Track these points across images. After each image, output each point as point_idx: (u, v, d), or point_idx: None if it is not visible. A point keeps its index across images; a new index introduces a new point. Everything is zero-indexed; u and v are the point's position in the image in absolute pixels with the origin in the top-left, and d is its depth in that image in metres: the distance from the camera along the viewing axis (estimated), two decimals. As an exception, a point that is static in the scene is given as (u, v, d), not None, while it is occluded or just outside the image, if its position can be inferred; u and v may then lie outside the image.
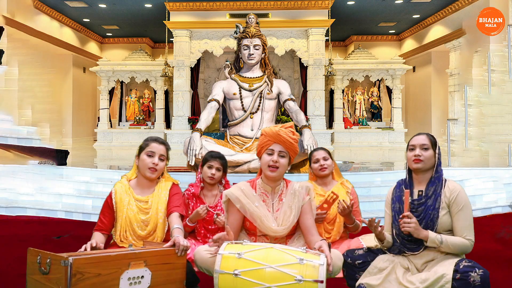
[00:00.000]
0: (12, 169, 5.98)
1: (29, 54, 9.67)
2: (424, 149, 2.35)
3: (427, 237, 2.24)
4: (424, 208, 2.32)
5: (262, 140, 2.48)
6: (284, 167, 2.44)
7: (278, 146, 2.42)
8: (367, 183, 5.36)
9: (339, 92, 11.51)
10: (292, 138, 2.44)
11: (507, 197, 5.36)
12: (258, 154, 2.52)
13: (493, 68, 7.75)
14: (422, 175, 2.39)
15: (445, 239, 2.24)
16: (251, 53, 5.04)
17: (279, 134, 2.42)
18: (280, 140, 2.42)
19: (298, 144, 2.53)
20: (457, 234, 2.27)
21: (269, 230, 2.40)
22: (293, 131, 2.48)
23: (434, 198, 2.31)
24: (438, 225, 2.29)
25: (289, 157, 2.46)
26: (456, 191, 2.30)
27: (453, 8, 11.00)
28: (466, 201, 2.30)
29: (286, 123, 2.53)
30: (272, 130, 2.45)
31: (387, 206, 2.51)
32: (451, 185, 2.34)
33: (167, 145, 2.62)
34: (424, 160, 2.34)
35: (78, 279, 1.85)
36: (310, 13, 10.83)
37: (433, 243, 2.24)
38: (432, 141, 2.39)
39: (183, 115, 10.89)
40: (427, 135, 2.42)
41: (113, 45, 15.28)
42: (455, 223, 2.28)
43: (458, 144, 7.88)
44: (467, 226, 2.26)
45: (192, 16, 10.98)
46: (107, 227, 2.54)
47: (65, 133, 12.73)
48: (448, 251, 2.25)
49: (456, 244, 2.24)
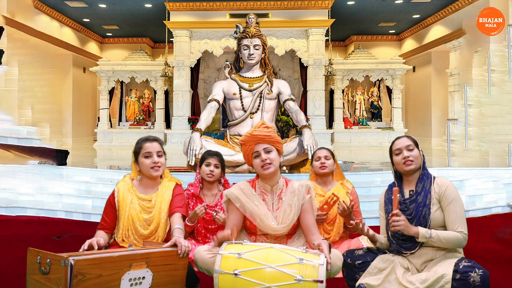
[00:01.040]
0: (12, 169, 5.98)
1: (29, 54, 9.67)
2: (410, 150, 2.40)
3: (418, 233, 2.25)
4: (415, 205, 2.34)
5: (244, 149, 2.50)
6: (276, 161, 2.46)
7: (260, 145, 2.44)
8: (367, 183, 5.36)
9: (339, 92, 11.51)
10: (267, 131, 2.46)
11: (507, 197, 5.36)
12: (248, 163, 2.54)
13: (493, 68, 7.75)
14: (412, 176, 2.42)
15: (435, 233, 2.25)
16: (251, 53, 5.04)
17: (254, 135, 2.45)
18: (258, 139, 2.44)
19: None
20: (449, 228, 2.28)
21: (269, 229, 2.40)
22: (266, 126, 2.50)
23: (424, 194, 2.34)
24: (431, 221, 2.30)
25: (276, 149, 2.47)
26: (445, 186, 2.33)
27: (453, 8, 11.00)
28: (455, 195, 2.32)
29: (256, 123, 2.55)
30: (246, 135, 2.49)
31: (381, 209, 2.53)
32: (440, 181, 2.37)
33: (159, 140, 2.61)
34: (414, 160, 2.38)
35: (79, 280, 1.85)
36: (310, 13, 10.83)
37: (423, 237, 2.25)
38: (414, 141, 2.45)
39: (183, 115, 10.89)
40: (407, 136, 2.48)
41: (113, 45, 15.28)
42: (446, 217, 2.30)
43: (458, 144, 7.87)
44: (458, 219, 2.27)
45: (192, 16, 10.98)
46: (110, 226, 2.54)
47: (65, 133, 12.73)
48: (440, 245, 2.26)
49: (447, 237, 2.24)
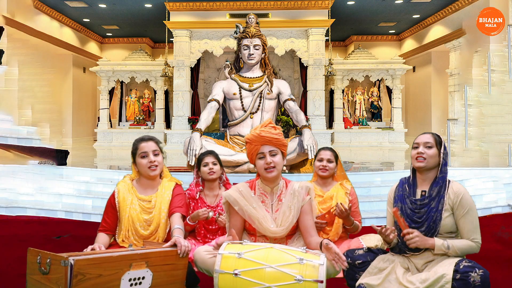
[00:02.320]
0: (12, 169, 5.98)
1: (29, 54, 9.67)
2: (427, 147, 2.33)
3: (434, 245, 2.23)
4: (427, 209, 2.30)
5: (249, 147, 2.45)
6: (280, 165, 2.43)
7: (266, 147, 2.40)
8: (367, 183, 5.35)
9: (339, 92, 11.51)
10: (275, 134, 2.41)
11: (507, 197, 5.36)
12: (250, 161, 2.50)
13: (493, 68, 7.75)
14: (425, 175, 2.36)
15: (452, 244, 2.22)
16: (251, 53, 5.04)
17: (262, 135, 2.40)
18: (265, 140, 2.40)
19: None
20: (464, 237, 2.26)
21: (268, 231, 2.39)
22: (274, 126, 2.45)
23: (438, 200, 2.29)
24: (440, 227, 2.27)
25: (281, 152, 2.44)
26: (460, 194, 2.28)
27: (453, 8, 11.00)
28: (471, 203, 2.29)
29: (263, 122, 2.49)
30: (253, 135, 2.42)
31: (389, 205, 2.48)
32: (455, 187, 2.32)
33: (155, 139, 2.60)
34: (426, 158, 2.31)
35: (79, 280, 1.85)
36: (310, 13, 10.83)
37: (440, 250, 2.22)
38: (437, 140, 2.36)
39: (183, 115, 10.89)
40: (433, 134, 2.40)
41: (113, 45, 15.28)
42: (462, 226, 2.27)
43: (458, 144, 7.87)
44: (473, 229, 2.26)
45: (192, 16, 10.98)
46: (111, 227, 2.54)
47: (65, 133, 12.72)
48: (455, 255, 2.24)
49: (462, 248, 2.23)
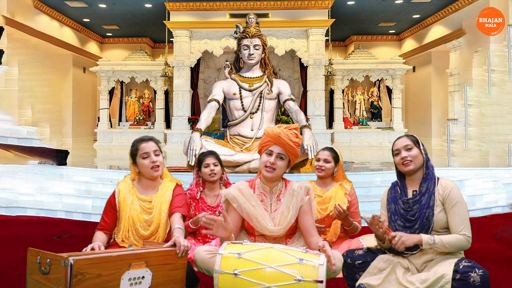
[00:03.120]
0: (12, 169, 5.98)
1: (29, 54, 9.67)
2: (408, 150, 2.38)
3: (421, 241, 2.25)
4: (419, 206, 2.34)
5: (263, 139, 2.44)
6: (282, 169, 2.40)
7: (277, 148, 2.37)
8: (367, 183, 5.36)
9: (339, 92, 11.51)
10: (293, 142, 2.37)
11: (507, 197, 5.36)
12: (259, 152, 2.48)
13: (493, 68, 7.75)
14: (414, 175, 2.41)
15: (439, 238, 2.24)
16: (251, 53, 5.04)
17: (280, 136, 2.36)
18: (280, 142, 2.37)
19: (300, 147, 2.49)
20: (453, 230, 2.28)
21: (266, 230, 2.38)
22: (297, 133, 2.40)
23: (428, 196, 2.33)
24: (434, 223, 2.30)
25: (289, 159, 2.41)
26: (449, 188, 2.32)
27: (453, 8, 11.00)
28: (459, 197, 2.31)
29: (291, 125, 2.44)
30: (273, 131, 2.39)
31: (383, 208, 2.52)
32: (444, 182, 2.37)
33: (154, 139, 2.60)
34: (413, 160, 2.37)
35: (79, 279, 1.85)
36: (310, 13, 10.83)
37: (427, 244, 2.25)
38: (414, 140, 2.42)
39: (183, 115, 10.89)
40: (407, 136, 2.46)
41: (113, 45, 15.27)
42: (450, 219, 2.29)
43: (458, 144, 7.87)
44: (462, 221, 2.27)
45: (192, 16, 10.98)
46: (110, 227, 2.54)
47: (65, 133, 12.72)
48: (444, 250, 2.25)
49: (451, 242, 2.24)
